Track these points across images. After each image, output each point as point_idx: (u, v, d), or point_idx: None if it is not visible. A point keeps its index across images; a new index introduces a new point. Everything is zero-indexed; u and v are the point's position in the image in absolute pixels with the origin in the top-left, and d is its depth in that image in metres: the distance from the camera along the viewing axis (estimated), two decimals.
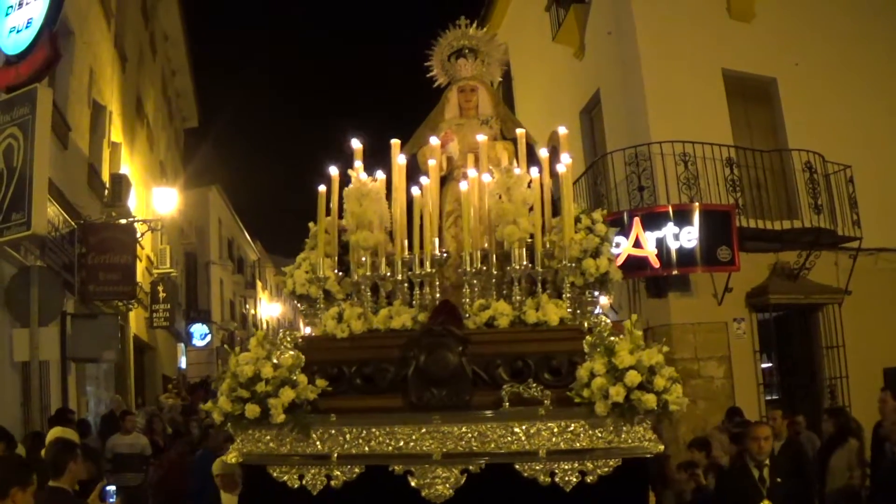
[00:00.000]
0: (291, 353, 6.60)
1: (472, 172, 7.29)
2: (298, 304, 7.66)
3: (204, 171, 45.06)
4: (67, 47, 17.37)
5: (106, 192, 22.70)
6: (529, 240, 6.92)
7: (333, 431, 6.41)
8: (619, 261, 16.65)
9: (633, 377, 5.89)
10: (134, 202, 24.97)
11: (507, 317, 6.70)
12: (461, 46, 8.78)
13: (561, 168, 7.10)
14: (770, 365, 18.76)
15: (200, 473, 11.06)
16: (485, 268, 6.93)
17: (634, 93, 19.19)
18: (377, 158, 7.58)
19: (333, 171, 7.31)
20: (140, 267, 24.74)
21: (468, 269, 6.88)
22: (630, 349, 6.06)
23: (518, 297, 6.87)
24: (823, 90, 19.41)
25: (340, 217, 7.46)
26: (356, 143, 7.56)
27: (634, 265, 17.07)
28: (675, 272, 17.25)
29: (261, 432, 6.52)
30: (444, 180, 8.00)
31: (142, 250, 25.30)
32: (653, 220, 17.08)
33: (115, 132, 24.45)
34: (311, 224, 7.52)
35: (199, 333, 42.71)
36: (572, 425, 6.11)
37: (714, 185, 17.51)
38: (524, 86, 27.93)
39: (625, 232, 17.00)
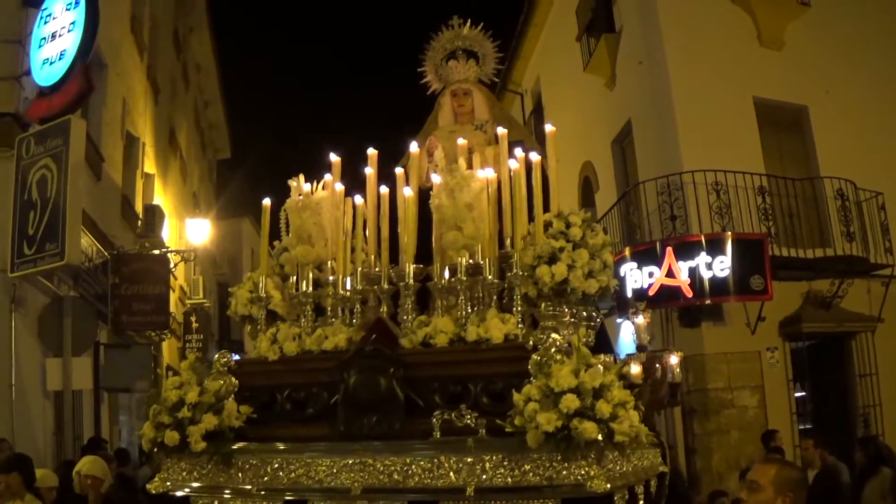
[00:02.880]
0: (225, 378, 6.32)
1: (434, 177, 6.61)
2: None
3: (236, 202, 45.09)
4: (100, 79, 17.49)
5: (139, 222, 22.81)
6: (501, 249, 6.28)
7: (255, 462, 6.03)
8: (653, 290, 16.68)
9: (569, 402, 5.01)
10: (167, 233, 25.07)
11: (446, 334, 5.95)
12: (455, 48, 8.22)
13: (513, 164, 6.42)
14: (803, 394, 18.65)
15: None
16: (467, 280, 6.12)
17: (666, 122, 19.19)
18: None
19: (293, 183, 6.98)
20: (173, 297, 24.80)
21: (409, 281, 6.28)
22: (572, 369, 5.17)
23: (462, 312, 6.10)
24: (854, 117, 19.36)
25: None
26: (333, 157, 7.06)
27: (667, 295, 17.07)
28: (707, 302, 17.20)
29: (185, 461, 6.23)
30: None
31: (175, 281, 25.36)
32: (685, 250, 17.05)
33: (149, 163, 24.60)
34: (276, 242, 7.23)
35: None
36: (506, 459, 5.29)
37: (746, 214, 17.46)
38: (556, 116, 27.89)
39: (658, 262, 17.05)
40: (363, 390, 5.78)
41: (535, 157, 6.52)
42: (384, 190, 6.92)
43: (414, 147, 7.16)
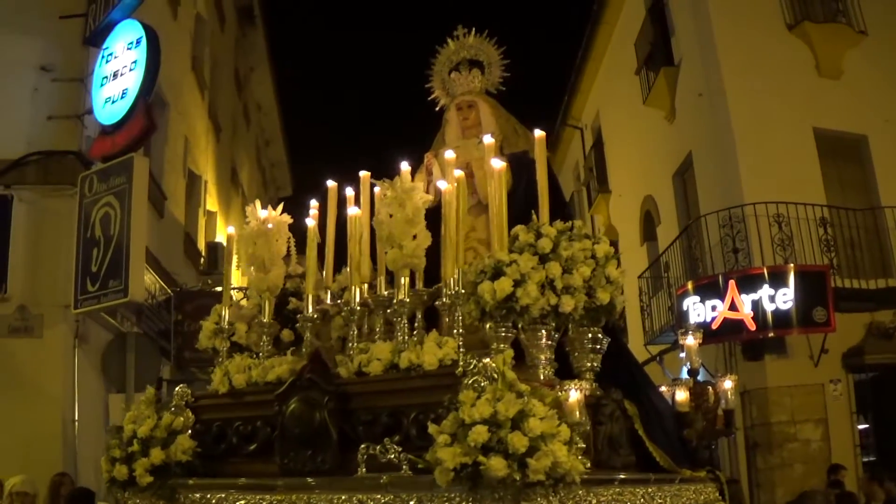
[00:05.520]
0: (183, 412, 6.26)
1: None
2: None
3: (298, 239, 45.25)
4: (162, 118, 17.63)
5: (202, 260, 22.96)
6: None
7: (198, 497, 5.85)
8: (716, 324, 16.61)
9: (477, 435, 4.37)
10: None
11: (381, 362, 5.47)
12: (460, 59, 7.78)
13: (457, 171, 5.92)
14: (867, 426, 18.43)
15: None
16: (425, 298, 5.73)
17: (726, 154, 19.12)
18: None
19: (248, 209, 6.93)
20: None
21: (354, 305, 6.02)
22: (490, 396, 4.50)
23: (404, 337, 5.59)
24: None
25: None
26: (330, 183, 6.70)
27: (730, 328, 16.99)
28: (770, 335, 17.08)
29: (137, 496, 6.14)
30: (436, 212, 6.11)
31: None
32: (748, 283, 17.00)
33: (211, 201, 24.78)
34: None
35: None
36: (422, 498, 4.74)
37: (808, 246, 17.40)
38: (616, 150, 28.02)
39: (720, 295, 17.01)
40: (297, 423, 5.54)
41: (498, 163, 5.81)
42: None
43: (405, 166, 6.21)
